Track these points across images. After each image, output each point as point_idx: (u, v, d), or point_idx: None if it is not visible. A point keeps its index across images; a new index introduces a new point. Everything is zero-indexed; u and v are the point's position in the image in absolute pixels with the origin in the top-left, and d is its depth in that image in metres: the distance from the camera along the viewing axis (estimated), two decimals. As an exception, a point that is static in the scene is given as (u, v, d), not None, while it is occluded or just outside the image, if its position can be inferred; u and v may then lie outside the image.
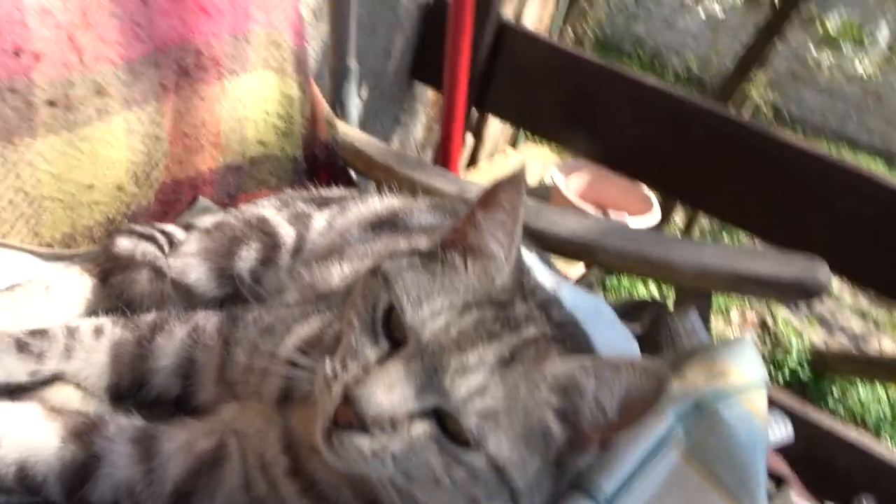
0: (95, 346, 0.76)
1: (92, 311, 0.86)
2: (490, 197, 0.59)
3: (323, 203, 1.10)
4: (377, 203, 1.01)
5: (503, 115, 2.42)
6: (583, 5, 3.23)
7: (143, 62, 0.99)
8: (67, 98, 0.90)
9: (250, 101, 1.20)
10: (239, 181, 1.21)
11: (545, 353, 0.55)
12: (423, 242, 0.78)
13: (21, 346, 0.73)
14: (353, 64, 1.61)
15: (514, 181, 0.57)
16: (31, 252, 0.89)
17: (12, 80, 0.83)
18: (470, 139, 2.96)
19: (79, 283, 0.87)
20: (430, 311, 0.55)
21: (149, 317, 0.81)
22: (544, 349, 0.56)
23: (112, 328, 0.78)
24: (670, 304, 1.18)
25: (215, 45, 1.11)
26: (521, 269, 0.60)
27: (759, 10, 3.60)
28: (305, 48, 1.33)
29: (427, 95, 2.53)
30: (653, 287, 2.99)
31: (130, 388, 0.77)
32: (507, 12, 2.63)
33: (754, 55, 2.99)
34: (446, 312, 0.55)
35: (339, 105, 1.62)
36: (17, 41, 0.83)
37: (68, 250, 0.94)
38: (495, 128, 3.12)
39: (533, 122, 2.25)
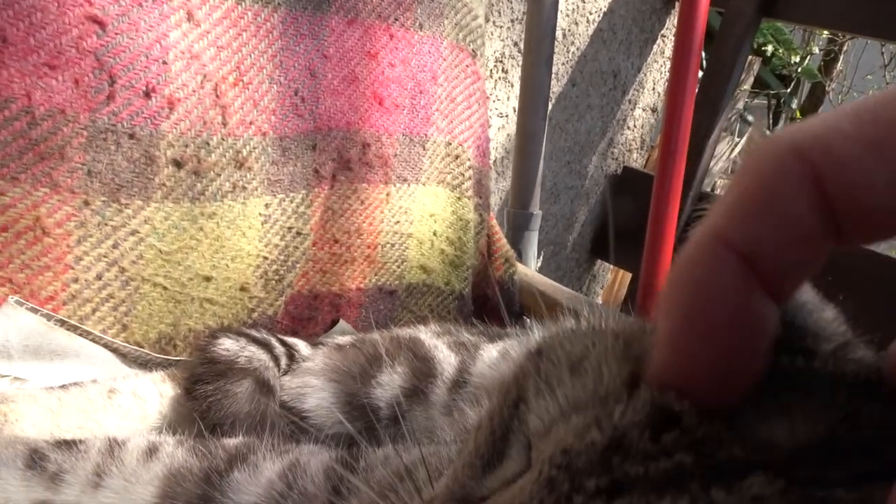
0: (140, 475, 0.48)
1: (171, 431, 0.60)
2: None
3: (495, 336, 0.81)
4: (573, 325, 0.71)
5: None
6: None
7: (298, 140, 0.81)
8: (199, 161, 0.71)
9: (418, 216, 0.98)
10: (391, 310, 0.96)
11: None
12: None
13: (32, 461, 0.47)
14: (536, 210, 1.40)
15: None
16: (113, 348, 0.67)
17: (134, 125, 0.66)
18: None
19: (155, 392, 0.62)
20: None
21: (231, 441, 0.53)
22: None
23: (173, 450, 0.51)
24: None
25: (386, 142, 0.93)
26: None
27: None
28: (488, 170, 1.12)
29: (607, 277, 2.25)
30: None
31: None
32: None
33: None
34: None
35: (516, 254, 1.39)
36: (151, 80, 0.67)
37: (162, 356, 0.71)
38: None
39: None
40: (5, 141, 0.59)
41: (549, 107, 1.75)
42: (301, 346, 0.72)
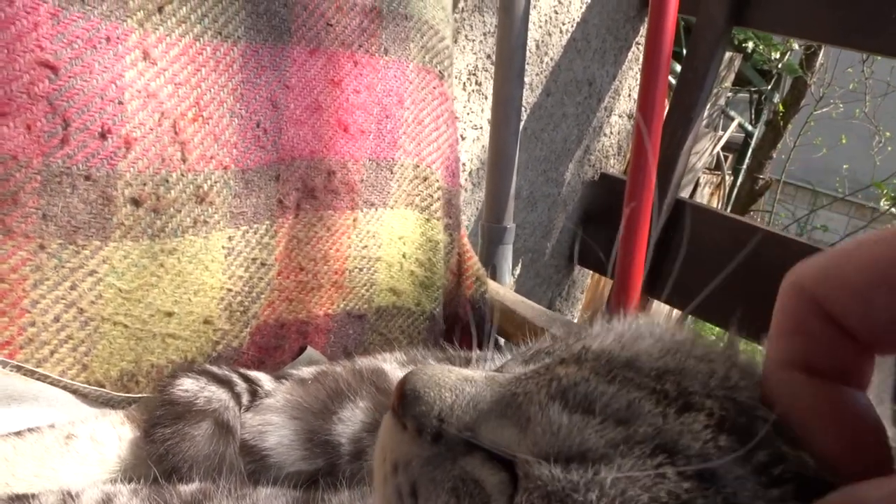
0: (93, 529, 0.49)
1: (127, 478, 0.60)
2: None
3: (464, 362, 0.82)
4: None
5: (675, 304, 2.09)
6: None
7: (260, 172, 0.81)
8: (158, 199, 0.71)
9: (386, 239, 0.99)
10: (360, 334, 0.97)
11: None
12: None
13: (-18, 518, 0.47)
14: (510, 224, 1.41)
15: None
16: (73, 390, 0.67)
17: (90, 166, 0.66)
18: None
19: (114, 436, 0.62)
20: None
21: (187, 488, 0.53)
22: None
23: (128, 500, 0.51)
24: None
25: (352, 168, 0.93)
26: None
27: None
28: (458, 190, 1.13)
29: (586, 282, 2.27)
30: None
31: None
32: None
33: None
34: None
35: (490, 269, 1.40)
36: (106, 121, 0.67)
37: (124, 394, 0.71)
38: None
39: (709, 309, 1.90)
40: (-43, 188, 0.59)
41: (524, 118, 1.75)
42: (264, 380, 0.72)
